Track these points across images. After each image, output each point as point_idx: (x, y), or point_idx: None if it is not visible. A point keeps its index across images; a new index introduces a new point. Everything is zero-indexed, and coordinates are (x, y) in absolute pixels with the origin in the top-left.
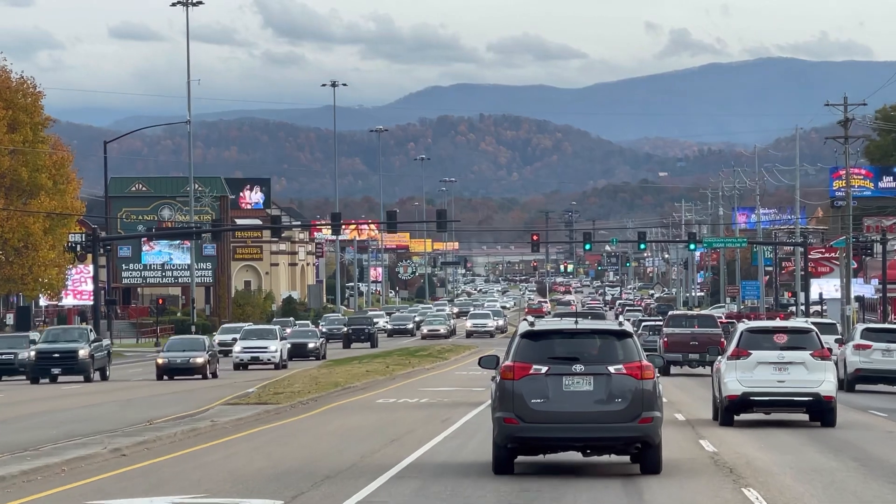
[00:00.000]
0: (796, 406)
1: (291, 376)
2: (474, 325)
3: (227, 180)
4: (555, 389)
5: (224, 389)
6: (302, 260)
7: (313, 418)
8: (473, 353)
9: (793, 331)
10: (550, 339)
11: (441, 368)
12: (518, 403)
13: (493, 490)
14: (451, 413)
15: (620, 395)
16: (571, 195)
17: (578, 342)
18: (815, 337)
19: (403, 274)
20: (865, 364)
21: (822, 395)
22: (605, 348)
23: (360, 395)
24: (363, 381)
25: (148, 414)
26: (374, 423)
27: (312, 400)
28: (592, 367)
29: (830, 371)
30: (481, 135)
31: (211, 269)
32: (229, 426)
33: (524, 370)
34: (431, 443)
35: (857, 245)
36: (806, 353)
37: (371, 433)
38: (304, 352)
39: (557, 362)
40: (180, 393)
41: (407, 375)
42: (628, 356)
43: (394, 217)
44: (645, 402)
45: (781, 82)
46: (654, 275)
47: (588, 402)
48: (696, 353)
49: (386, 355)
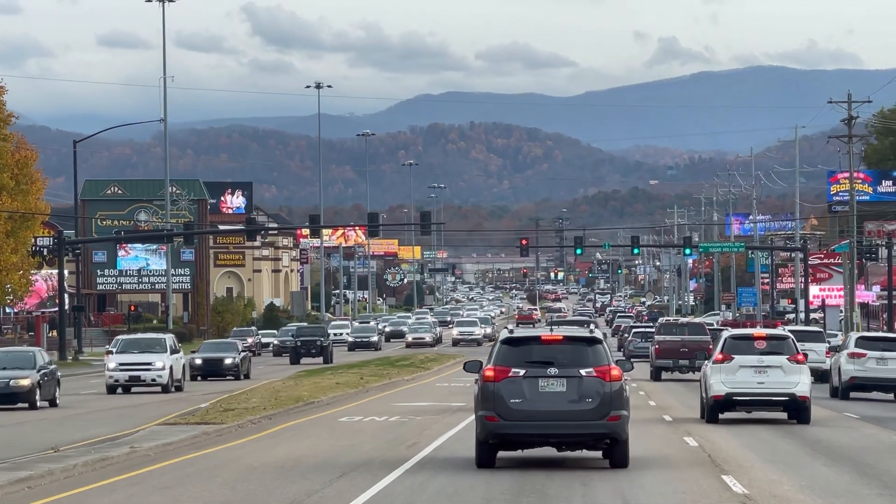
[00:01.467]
0: (774, 405)
1: (252, 389)
2: (461, 333)
3: (208, 184)
4: (531, 390)
5: (178, 404)
6: (286, 266)
7: (257, 443)
8: (458, 362)
9: (771, 337)
10: (528, 344)
11: (422, 380)
12: (498, 403)
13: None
14: (421, 436)
15: (590, 396)
16: (562, 203)
17: (553, 348)
18: (791, 343)
19: (392, 281)
20: (860, 372)
21: (798, 395)
22: (577, 353)
23: (323, 412)
24: (331, 395)
25: (68, 436)
26: (327, 451)
27: (266, 418)
28: (565, 370)
29: (805, 374)
30: (472, 143)
31: (189, 275)
32: (152, 453)
33: (504, 373)
34: (387, 479)
35: (861, 250)
36: (783, 358)
37: (317, 465)
38: (218, 369)
39: (534, 366)
40: (124, 409)
41: (382, 388)
42: (598, 360)
43: (376, 220)
44: (613, 402)
45: (771, 90)
46: (646, 282)
47: (561, 402)
48: (685, 360)
49: (363, 365)
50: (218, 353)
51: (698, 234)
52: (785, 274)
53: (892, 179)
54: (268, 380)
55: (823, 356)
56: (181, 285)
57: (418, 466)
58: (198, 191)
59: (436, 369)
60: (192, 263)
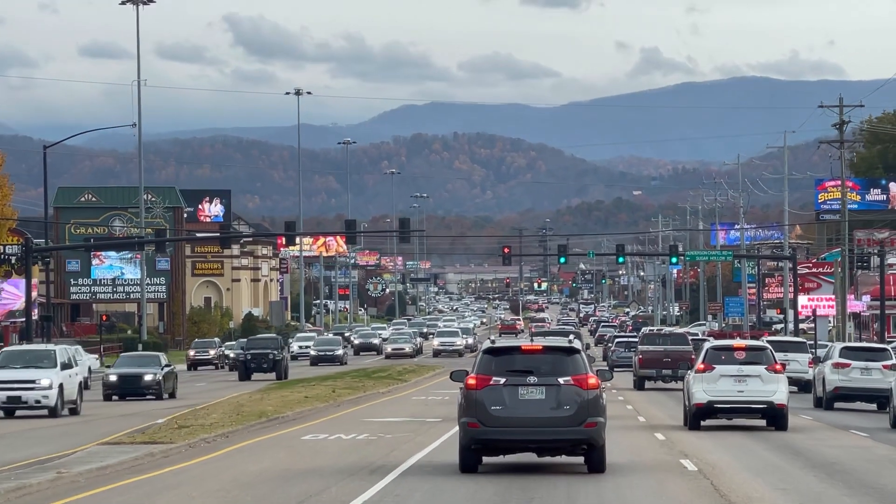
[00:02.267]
0: (753, 413)
1: (215, 404)
2: (441, 343)
3: (185, 192)
4: (511, 398)
5: (134, 419)
6: (265, 276)
7: (205, 466)
8: (437, 374)
9: (750, 348)
10: (509, 354)
11: (398, 392)
12: (480, 410)
13: None
14: (388, 457)
15: (568, 403)
16: (546, 213)
17: (533, 357)
18: (769, 353)
19: (374, 291)
20: (844, 382)
21: (776, 403)
22: (555, 363)
23: (286, 429)
24: (298, 410)
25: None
26: (279, 475)
27: (223, 436)
28: (544, 378)
29: (783, 383)
30: (455, 153)
31: (165, 285)
32: (82, 479)
33: (485, 381)
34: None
35: (852, 258)
36: (761, 368)
37: (265, 494)
38: (136, 387)
39: (514, 374)
40: (74, 425)
41: (355, 402)
42: (576, 369)
43: (354, 227)
44: (590, 409)
45: (754, 101)
46: (630, 292)
47: (540, 409)
48: (668, 369)
49: (339, 377)
50: (136, 368)
51: (682, 244)
52: (772, 284)
53: (880, 188)
54: (213, 399)
55: (806, 366)
56: (157, 295)
57: (379, 496)
58: (173, 198)
59: (413, 381)
60: (167, 272)
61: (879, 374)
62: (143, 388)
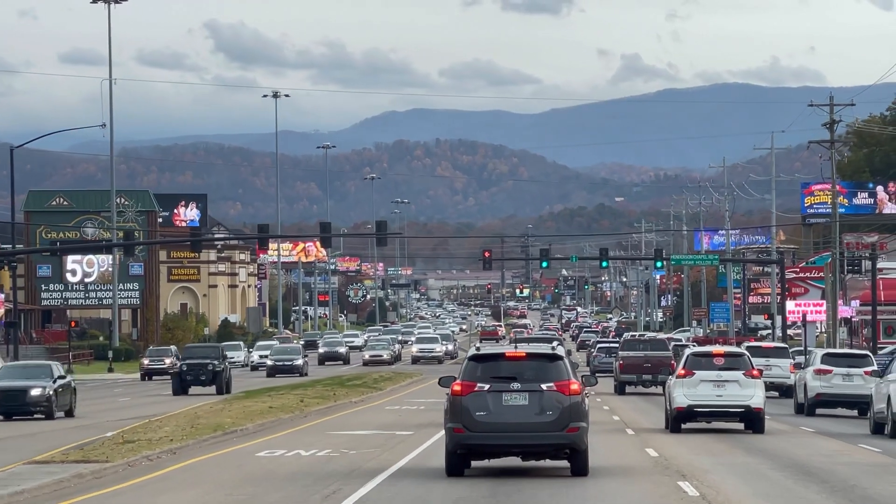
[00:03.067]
0: (731, 416)
1: (171, 415)
2: (420, 350)
3: (161, 196)
4: (495, 404)
5: (79, 432)
6: (243, 282)
7: (137, 491)
8: (415, 382)
9: (729, 354)
10: (493, 361)
11: (371, 402)
12: (465, 415)
13: None
14: (346, 480)
15: (551, 409)
16: (528, 220)
17: (517, 364)
18: (747, 359)
19: (354, 297)
20: (826, 389)
21: (753, 407)
22: (539, 369)
23: (242, 443)
24: (259, 422)
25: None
26: (220, 502)
27: (169, 452)
28: (528, 384)
29: (760, 388)
30: (437, 160)
31: (138, 290)
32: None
33: (470, 387)
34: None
35: (842, 262)
36: (739, 373)
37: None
38: (20, 404)
39: (498, 381)
40: (12, 440)
41: (324, 412)
42: (558, 376)
43: (328, 229)
44: (572, 414)
45: (736, 107)
46: (612, 298)
47: (524, 415)
48: (649, 374)
49: (311, 385)
50: (21, 381)
51: (665, 251)
52: (758, 289)
53: (867, 191)
54: (128, 417)
55: (787, 371)
56: (130, 301)
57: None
58: (147, 202)
59: (389, 389)
60: (141, 278)
61: (861, 380)
62: (30, 405)
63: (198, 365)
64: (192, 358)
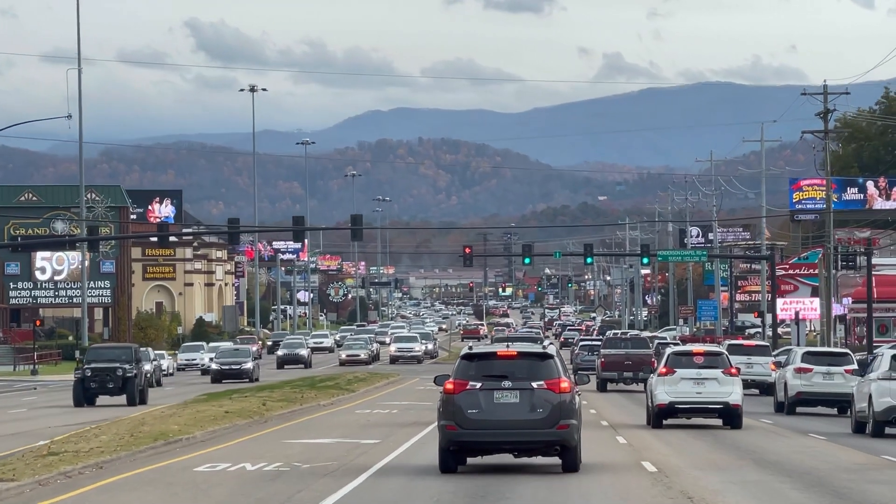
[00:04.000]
0: (711, 412)
1: (112, 423)
2: (399, 349)
3: (135, 192)
4: (487, 402)
5: (19, 439)
6: (220, 280)
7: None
8: (391, 383)
9: (708, 353)
10: (485, 360)
11: (341, 405)
12: (457, 413)
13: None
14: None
15: (542, 406)
16: (511, 218)
17: (508, 363)
18: (725, 358)
19: (335, 296)
20: (806, 387)
21: (731, 403)
22: (530, 367)
23: (182, 455)
24: (211, 429)
25: None
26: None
27: (95, 467)
28: (519, 383)
29: (738, 385)
30: (420, 158)
31: (110, 289)
32: None
33: (462, 386)
34: None
35: (836, 258)
36: (718, 371)
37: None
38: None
39: (490, 379)
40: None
41: (287, 417)
42: (549, 374)
43: (301, 223)
44: (563, 412)
45: (719, 106)
46: (596, 297)
47: (515, 412)
48: (629, 372)
49: (279, 386)
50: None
51: (650, 247)
52: (745, 286)
53: (857, 186)
54: (165, 403)
55: (768, 369)
56: (101, 299)
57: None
58: (118, 197)
59: (362, 391)
60: (112, 275)
61: (841, 378)
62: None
63: (104, 370)
64: (98, 361)
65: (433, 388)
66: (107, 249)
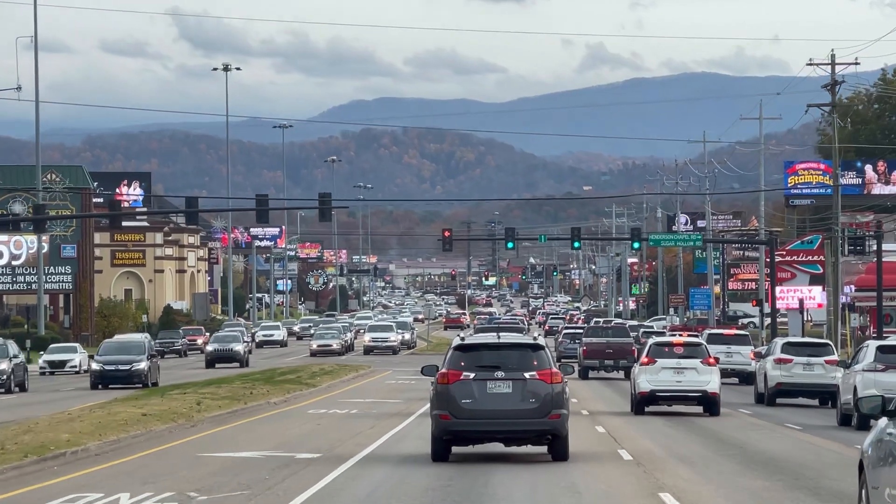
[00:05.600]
0: (690, 400)
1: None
2: (373, 339)
3: (101, 175)
4: (480, 391)
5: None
6: (192, 266)
7: None
8: (360, 375)
9: (687, 344)
10: (478, 350)
11: (296, 402)
12: (451, 403)
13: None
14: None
15: (534, 396)
16: (495, 207)
17: (500, 353)
18: (704, 349)
19: (314, 285)
20: (786, 378)
21: (709, 391)
22: (522, 358)
23: (46, 480)
24: (113, 438)
25: None
26: None
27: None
28: (511, 373)
29: (715, 374)
30: (405, 148)
31: (71, 274)
32: None
33: (456, 376)
34: None
35: (841, 243)
36: (697, 361)
37: None
38: None
39: (483, 370)
40: None
41: (221, 420)
42: (541, 364)
43: (265, 203)
44: (554, 402)
45: (704, 96)
46: (581, 287)
47: (507, 402)
48: (610, 360)
49: (229, 381)
50: None
51: (641, 230)
52: (738, 274)
53: (855, 170)
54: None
55: (748, 358)
56: (62, 285)
57: None
58: (80, 179)
59: (325, 385)
60: (74, 260)
61: (822, 369)
62: None
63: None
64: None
65: (405, 382)
66: (67, 233)
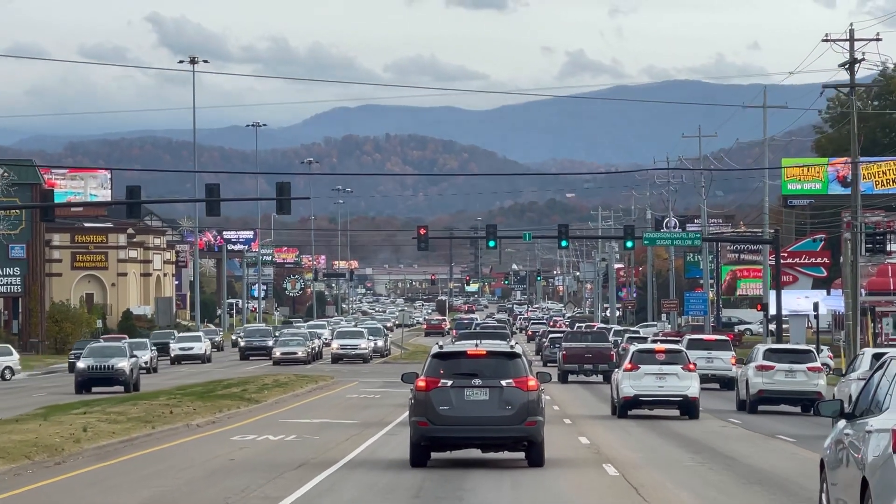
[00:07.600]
0: (671, 404)
1: None
2: (342, 346)
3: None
4: (458, 399)
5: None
6: (158, 269)
7: None
8: (319, 388)
9: (669, 351)
10: (456, 358)
11: (223, 425)
12: (429, 410)
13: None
14: None
15: (510, 404)
16: (478, 214)
17: (478, 361)
18: (684, 355)
19: (291, 290)
20: (768, 385)
21: (689, 396)
22: (499, 366)
23: None
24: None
25: None
26: None
27: None
28: (488, 380)
29: (695, 380)
30: (387, 154)
31: (20, 276)
32: None
33: (434, 383)
34: None
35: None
36: (678, 367)
37: None
38: None
39: (460, 377)
40: None
41: (104, 454)
42: (517, 372)
43: (215, 193)
44: (530, 409)
45: (686, 104)
46: (565, 293)
47: (484, 409)
48: (590, 364)
49: (153, 396)
50: None
51: (633, 229)
52: (732, 278)
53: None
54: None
55: (729, 364)
56: (10, 288)
57: None
58: (31, 175)
59: (271, 401)
60: (23, 261)
61: (804, 376)
62: None
63: None
64: None
65: (369, 396)
66: (15, 232)
